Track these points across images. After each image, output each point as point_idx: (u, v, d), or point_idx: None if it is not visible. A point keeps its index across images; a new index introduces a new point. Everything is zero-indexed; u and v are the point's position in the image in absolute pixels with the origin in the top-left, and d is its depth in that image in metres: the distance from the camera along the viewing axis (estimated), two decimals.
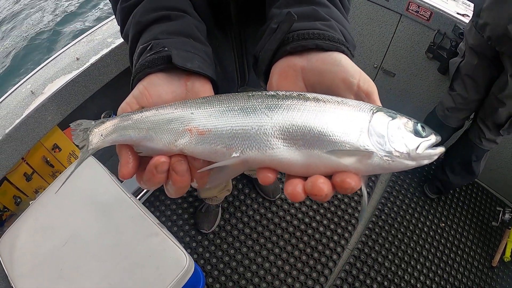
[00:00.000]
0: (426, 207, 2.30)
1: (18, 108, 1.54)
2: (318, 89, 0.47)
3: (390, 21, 2.16)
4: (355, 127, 0.41)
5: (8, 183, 1.72)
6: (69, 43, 1.77)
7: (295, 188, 0.40)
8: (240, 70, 0.97)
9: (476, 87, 1.79)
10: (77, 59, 1.67)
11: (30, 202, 1.50)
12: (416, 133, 0.43)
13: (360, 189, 0.41)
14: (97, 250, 1.34)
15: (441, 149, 0.44)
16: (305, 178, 0.41)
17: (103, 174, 1.51)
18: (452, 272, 2.07)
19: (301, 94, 0.44)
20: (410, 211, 2.28)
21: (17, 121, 1.51)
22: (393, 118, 0.43)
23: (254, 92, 0.46)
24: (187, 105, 0.46)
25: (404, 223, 2.22)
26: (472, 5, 2.01)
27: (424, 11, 1.99)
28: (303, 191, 0.40)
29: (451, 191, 2.36)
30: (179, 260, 1.31)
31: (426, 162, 0.43)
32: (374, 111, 0.42)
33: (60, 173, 1.63)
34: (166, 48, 0.51)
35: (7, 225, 1.70)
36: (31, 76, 1.66)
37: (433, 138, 0.44)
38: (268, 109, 0.43)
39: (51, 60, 1.70)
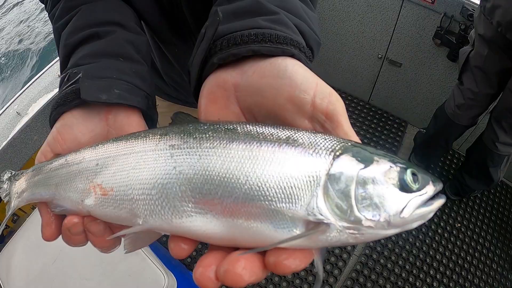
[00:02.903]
0: (441, 207, 2.20)
1: (5, 130, 1.64)
2: (258, 114, 0.37)
3: (391, 6, 2.07)
4: (304, 185, 0.30)
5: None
6: (53, 60, 1.84)
7: (206, 271, 0.31)
8: None
9: (487, 80, 1.66)
10: (59, 76, 1.73)
11: (27, 219, 1.60)
12: (404, 187, 0.31)
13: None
14: (83, 268, 1.41)
15: (439, 202, 0.33)
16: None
17: None
18: (469, 276, 1.98)
19: (229, 129, 0.34)
20: None
21: (4, 143, 1.60)
22: (367, 164, 0.31)
23: (170, 129, 0.37)
24: (95, 151, 0.40)
25: None
26: None
27: None
28: (215, 277, 0.30)
29: (470, 195, 2.25)
30: (157, 281, 1.36)
31: (417, 224, 0.32)
32: (337, 153, 0.31)
33: None
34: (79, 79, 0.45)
35: (7, 242, 1.83)
36: (17, 97, 1.74)
37: (429, 190, 0.32)
38: (178, 157, 0.33)
39: (36, 79, 1.78)
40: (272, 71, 0.36)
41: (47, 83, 1.73)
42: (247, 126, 0.34)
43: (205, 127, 0.35)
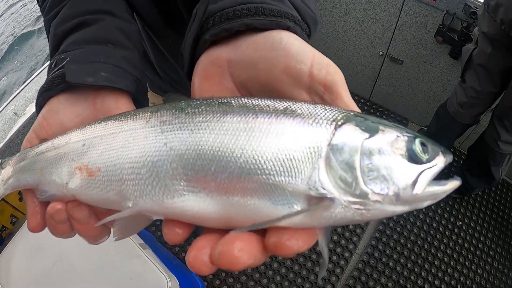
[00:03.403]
0: (441, 205, 2.23)
1: (3, 131, 1.62)
2: (254, 89, 0.36)
3: (393, 3, 2.06)
4: (304, 156, 0.28)
5: (4, 203, 1.82)
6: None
7: (199, 254, 0.29)
8: None
9: (491, 78, 1.66)
10: None
11: (25, 221, 1.60)
12: (412, 158, 0.29)
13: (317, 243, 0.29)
14: (83, 271, 1.41)
15: (453, 184, 0.31)
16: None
17: None
18: (470, 274, 2.00)
19: (222, 103, 0.32)
20: (424, 209, 2.21)
21: (1, 144, 1.59)
22: (372, 133, 0.29)
23: (162, 106, 0.35)
24: (82, 132, 0.38)
25: (417, 223, 2.16)
26: None
27: None
28: (210, 261, 0.28)
29: (471, 193, 2.26)
30: (159, 283, 1.35)
31: (428, 203, 0.29)
32: (339, 123, 0.29)
33: None
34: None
35: (6, 244, 1.82)
36: (14, 97, 1.73)
37: (440, 162, 0.30)
38: (169, 133, 0.32)
39: (33, 79, 1.76)
40: (266, 44, 0.35)
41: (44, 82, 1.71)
42: (242, 99, 0.32)
43: (198, 102, 0.33)
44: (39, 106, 0.45)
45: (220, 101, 0.32)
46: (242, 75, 0.36)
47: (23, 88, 1.74)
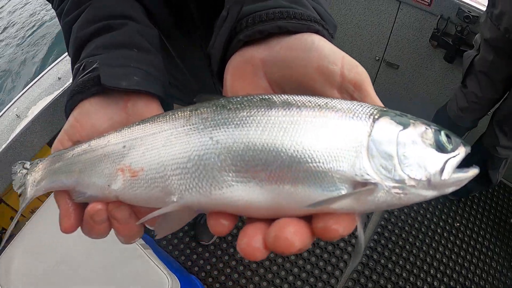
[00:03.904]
0: (439, 207, 2.25)
1: (5, 133, 1.64)
2: (287, 87, 0.38)
3: (388, 9, 2.11)
4: (348, 146, 0.30)
5: (5, 205, 1.83)
6: (52, 63, 1.85)
7: (250, 241, 0.30)
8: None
9: (492, 85, 1.67)
10: (59, 78, 1.75)
11: (26, 223, 1.60)
12: (440, 147, 0.32)
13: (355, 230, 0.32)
14: (85, 271, 1.42)
15: (474, 171, 0.34)
16: (272, 220, 0.32)
17: None
18: (469, 275, 2.02)
19: (264, 99, 0.34)
20: (421, 211, 2.24)
21: (4, 145, 1.61)
22: (405, 126, 0.32)
23: (201, 104, 0.36)
24: (121, 134, 0.39)
25: (416, 225, 2.19)
26: None
27: None
28: (263, 246, 0.30)
29: (469, 195, 2.29)
30: (161, 283, 1.36)
31: (452, 189, 0.33)
32: (376, 117, 0.32)
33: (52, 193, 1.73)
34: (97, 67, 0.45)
35: (6, 246, 1.82)
36: (17, 100, 1.75)
37: (462, 151, 0.33)
38: (214, 127, 0.33)
39: (35, 82, 1.79)
40: (299, 45, 0.37)
41: (46, 86, 1.74)
42: (283, 95, 0.34)
43: (238, 99, 0.35)
44: (69, 108, 0.45)
45: (261, 97, 0.34)
46: (277, 74, 0.38)
47: (26, 91, 1.76)
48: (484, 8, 1.73)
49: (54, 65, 1.83)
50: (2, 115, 1.72)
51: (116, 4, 0.55)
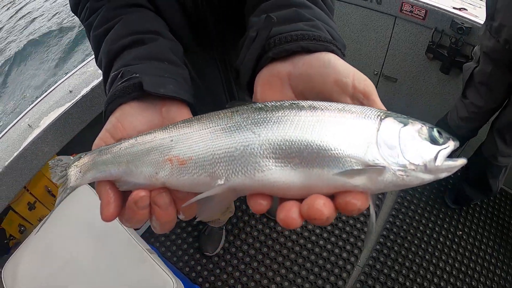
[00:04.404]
0: (441, 216, 2.27)
1: (17, 142, 1.72)
2: (309, 96, 0.45)
3: (385, 24, 2.21)
4: (362, 138, 0.38)
5: (13, 212, 1.89)
6: (63, 77, 1.95)
7: (288, 213, 0.37)
8: (228, 89, 0.99)
9: (492, 96, 1.72)
10: (70, 91, 1.84)
11: (34, 230, 1.65)
12: (433, 141, 0.40)
13: (368, 208, 0.39)
14: (91, 274, 1.45)
15: (462, 161, 0.41)
16: (301, 200, 0.38)
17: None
18: (473, 282, 2.01)
19: (294, 103, 0.41)
20: (423, 221, 2.26)
21: (15, 153, 1.68)
22: (405, 124, 0.40)
23: (240, 107, 0.43)
24: (167, 131, 0.45)
25: (418, 234, 2.20)
26: None
27: (418, 10, 2.02)
28: (299, 216, 0.37)
29: (470, 204, 2.30)
30: (165, 287, 1.39)
31: (445, 175, 0.40)
32: (382, 117, 0.40)
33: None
34: (137, 75, 0.51)
35: (12, 252, 1.86)
36: (29, 111, 1.84)
37: (451, 145, 0.41)
38: (254, 124, 0.40)
39: (47, 95, 1.88)
40: (318, 62, 0.44)
41: (58, 98, 1.82)
42: (308, 101, 0.42)
43: (272, 103, 0.42)
44: (110, 111, 0.51)
45: (291, 102, 0.42)
46: (300, 86, 0.46)
47: (38, 102, 1.85)
48: (476, 20, 1.80)
49: (66, 79, 1.93)
50: (14, 124, 1.80)
51: (145, 21, 0.65)
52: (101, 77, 1.81)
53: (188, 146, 0.42)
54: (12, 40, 6.75)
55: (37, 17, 7.22)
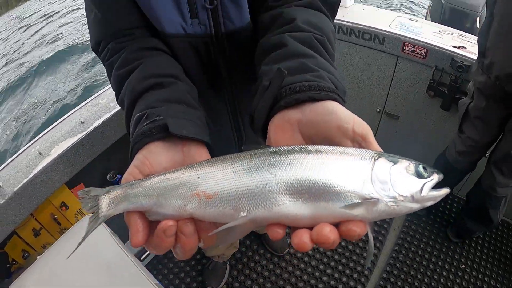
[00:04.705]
0: (444, 250, 2.29)
1: (27, 168, 1.73)
2: (316, 139, 0.51)
3: (387, 64, 2.29)
4: (358, 176, 0.44)
5: (17, 237, 1.87)
6: (76, 107, 1.99)
7: (301, 239, 0.43)
8: (236, 129, 1.04)
9: (487, 129, 1.79)
10: (82, 122, 1.87)
11: (38, 257, 1.63)
12: (418, 175, 0.46)
13: (367, 234, 0.45)
14: None
15: (445, 191, 0.47)
16: (311, 228, 0.44)
17: (106, 234, 1.64)
18: None
19: (302, 148, 0.48)
20: (427, 256, 2.27)
21: (25, 180, 1.68)
22: (395, 163, 0.46)
23: (256, 150, 0.49)
24: (193, 169, 0.50)
25: (421, 269, 2.21)
26: (467, 35, 2.11)
27: (419, 49, 2.09)
28: (310, 240, 0.43)
29: (472, 236, 2.32)
30: None
31: (430, 203, 0.46)
32: (376, 158, 0.46)
33: (67, 230, 1.78)
34: (161, 117, 0.56)
35: (14, 277, 1.82)
36: (39, 138, 1.86)
37: (435, 178, 0.47)
38: (271, 166, 0.47)
39: (58, 123, 1.91)
40: (323, 111, 0.51)
41: (70, 128, 1.85)
42: (314, 146, 0.48)
43: (284, 148, 0.49)
44: (136, 149, 0.56)
45: (300, 147, 0.48)
46: (308, 131, 0.52)
47: (49, 131, 1.87)
48: (475, 57, 1.87)
49: (77, 109, 1.96)
50: (24, 150, 1.81)
51: (165, 65, 0.72)
52: (113, 111, 1.87)
53: (214, 183, 0.48)
54: None
55: None
